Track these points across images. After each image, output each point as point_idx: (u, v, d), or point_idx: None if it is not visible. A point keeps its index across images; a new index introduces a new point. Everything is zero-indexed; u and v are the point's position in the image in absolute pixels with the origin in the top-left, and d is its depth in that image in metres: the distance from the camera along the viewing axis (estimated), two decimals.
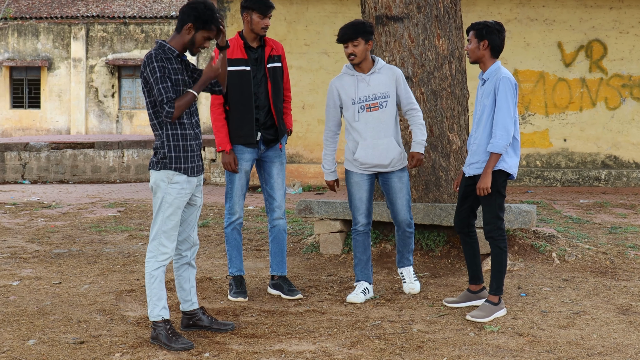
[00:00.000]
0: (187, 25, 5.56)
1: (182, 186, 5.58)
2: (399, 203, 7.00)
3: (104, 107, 32.88)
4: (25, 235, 10.43)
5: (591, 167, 17.10)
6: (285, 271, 7.19)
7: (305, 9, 17.38)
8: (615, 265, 8.29)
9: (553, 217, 11.83)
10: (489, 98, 6.29)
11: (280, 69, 7.07)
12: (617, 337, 5.76)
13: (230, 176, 7.01)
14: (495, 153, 6.21)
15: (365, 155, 6.88)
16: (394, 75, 6.91)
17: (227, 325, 5.97)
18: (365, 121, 6.86)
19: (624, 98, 17.13)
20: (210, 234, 10.45)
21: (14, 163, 20.24)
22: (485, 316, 6.21)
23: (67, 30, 32.84)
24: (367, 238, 7.07)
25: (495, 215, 6.32)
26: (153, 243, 5.61)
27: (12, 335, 5.83)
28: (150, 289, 5.61)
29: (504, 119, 6.20)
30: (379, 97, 6.85)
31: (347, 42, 6.78)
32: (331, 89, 7.01)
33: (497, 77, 6.27)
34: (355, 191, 7.00)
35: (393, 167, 6.94)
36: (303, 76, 17.36)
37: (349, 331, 5.94)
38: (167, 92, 5.46)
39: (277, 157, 7.09)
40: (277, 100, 7.02)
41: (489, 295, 6.39)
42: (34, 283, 7.55)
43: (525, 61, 17.15)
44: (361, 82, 6.88)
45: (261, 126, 6.99)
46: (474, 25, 6.37)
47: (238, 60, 6.90)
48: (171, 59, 5.57)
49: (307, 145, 17.49)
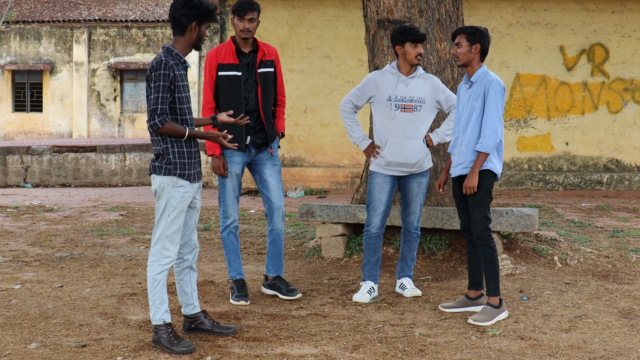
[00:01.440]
0: (191, 25, 5.58)
1: (185, 189, 5.59)
2: (412, 206, 7.15)
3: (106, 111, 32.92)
4: (27, 238, 10.43)
5: (593, 171, 17.10)
6: (281, 272, 7.23)
7: (307, 12, 17.39)
8: (617, 268, 8.28)
9: (555, 220, 11.82)
10: (478, 100, 6.38)
11: (272, 74, 7.09)
12: (619, 341, 5.76)
13: (222, 180, 7.05)
14: (484, 153, 6.31)
15: (393, 152, 6.99)
16: (432, 83, 7.08)
17: (229, 328, 5.97)
18: (398, 120, 6.97)
19: (626, 102, 17.12)
20: (212, 237, 10.46)
21: (16, 166, 20.25)
22: (487, 320, 6.21)
23: (69, 34, 32.89)
24: (379, 241, 7.16)
25: (485, 216, 6.40)
26: (156, 247, 5.61)
27: (14, 338, 5.83)
28: (152, 292, 5.61)
29: (493, 120, 6.31)
30: (415, 100, 6.98)
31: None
32: (371, 79, 7.13)
33: (487, 79, 6.37)
34: (376, 192, 7.08)
35: (419, 168, 7.06)
36: (305, 80, 17.37)
37: (350, 335, 5.93)
38: (164, 103, 5.46)
39: (269, 160, 7.11)
40: (266, 105, 7.03)
41: (488, 298, 6.40)
42: (35, 286, 7.55)
43: (527, 65, 17.15)
44: (401, 83, 6.99)
45: (250, 130, 7.01)
46: (465, 29, 6.46)
47: (229, 65, 6.92)
48: (178, 64, 5.58)
49: (309, 148, 17.49)
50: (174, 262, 5.67)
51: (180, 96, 5.56)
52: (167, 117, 5.48)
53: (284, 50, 17.22)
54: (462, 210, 6.63)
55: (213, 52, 6.99)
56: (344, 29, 16.79)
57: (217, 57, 6.96)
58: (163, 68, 5.47)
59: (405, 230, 7.24)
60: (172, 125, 5.51)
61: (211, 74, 6.98)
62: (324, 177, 17.36)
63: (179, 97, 5.56)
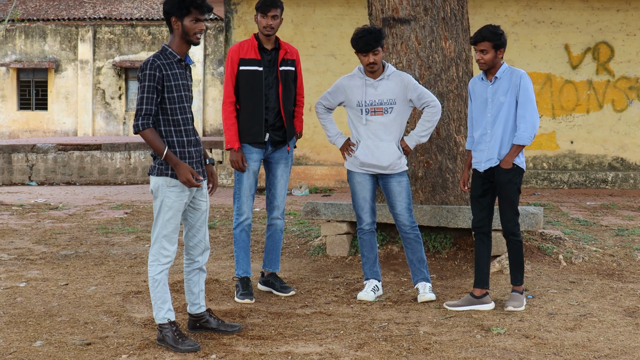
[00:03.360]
0: (172, 20, 5.53)
1: (181, 189, 5.56)
2: (398, 206, 7.03)
3: (110, 109, 32.94)
4: (32, 236, 10.45)
5: (598, 169, 17.08)
6: (277, 268, 7.28)
7: (312, 11, 17.39)
8: (622, 267, 8.28)
9: (560, 219, 11.81)
10: (506, 95, 6.47)
11: (293, 73, 7.12)
12: (624, 340, 5.75)
13: (239, 176, 7.04)
14: (520, 145, 6.44)
15: (364, 155, 6.97)
16: (402, 82, 6.95)
17: (234, 327, 5.97)
18: (369, 123, 6.94)
19: (631, 100, 17.10)
20: (217, 235, 10.46)
21: (21, 165, 20.28)
22: (520, 305, 6.59)
23: (74, 32, 32.91)
24: (373, 237, 7.13)
25: (516, 211, 6.55)
26: (154, 247, 5.60)
27: (19, 336, 5.84)
28: (154, 292, 5.61)
29: (531, 113, 6.44)
30: (385, 102, 6.91)
31: (369, 52, 6.79)
32: (339, 85, 7.10)
33: (516, 74, 6.50)
34: (359, 190, 7.07)
35: (392, 170, 6.98)
36: (310, 78, 17.36)
37: (355, 333, 5.94)
38: (149, 104, 5.43)
39: (283, 159, 7.14)
40: (287, 102, 7.07)
41: (515, 286, 6.66)
42: (40, 284, 7.56)
43: (532, 63, 17.13)
44: (369, 87, 6.93)
45: (270, 127, 7.03)
46: (488, 36, 6.50)
47: (251, 60, 6.95)
48: (172, 63, 5.54)
49: (314, 147, 17.49)
50: (173, 262, 5.65)
51: (171, 96, 5.51)
52: (150, 119, 5.43)
53: None
54: (480, 207, 6.64)
55: (235, 47, 7.02)
56: (349, 27, 16.76)
57: (239, 52, 6.99)
58: (149, 68, 5.44)
59: (400, 232, 7.12)
60: (153, 135, 5.44)
61: (232, 69, 7.00)
62: (328, 175, 17.36)
63: (169, 97, 5.51)
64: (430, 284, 7.04)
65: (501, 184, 6.49)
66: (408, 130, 8.05)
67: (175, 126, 5.56)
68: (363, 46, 6.77)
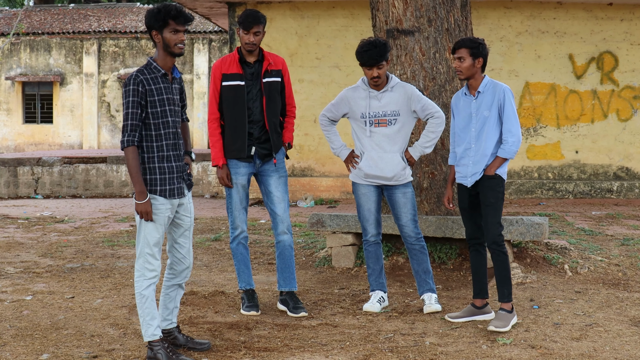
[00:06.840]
0: (153, 34, 5.50)
1: (161, 203, 5.50)
2: (403, 218, 7.04)
3: (116, 122, 32.98)
4: (38, 250, 10.47)
5: (603, 179, 17.07)
6: (293, 287, 7.11)
7: (316, 22, 17.43)
8: (628, 277, 8.27)
9: (565, 229, 11.80)
10: (490, 109, 6.43)
11: (278, 84, 7.05)
12: (629, 349, 5.75)
13: (229, 191, 7.05)
14: (504, 158, 6.40)
15: (368, 166, 6.98)
16: (406, 93, 6.96)
17: (202, 344, 5.86)
18: (373, 135, 6.94)
19: (636, 109, 17.10)
20: (223, 247, 10.47)
21: (26, 178, 20.33)
22: (505, 325, 6.26)
23: (79, 45, 32.99)
24: (379, 248, 7.13)
25: (499, 221, 6.44)
26: (139, 262, 5.53)
27: (26, 349, 5.85)
28: (142, 309, 5.52)
29: (517, 127, 6.42)
30: (389, 114, 6.92)
31: (374, 67, 6.81)
32: (343, 97, 7.10)
33: (499, 88, 6.45)
34: (364, 202, 7.07)
35: (396, 181, 6.98)
36: (314, 90, 17.40)
37: (361, 344, 5.94)
38: (133, 119, 5.39)
39: (275, 171, 7.06)
40: (271, 115, 6.99)
41: (502, 303, 6.43)
42: (47, 297, 7.58)
43: (536, 73, 17.15)
44: (373, 99, 6.94)
45: (255, 140, 6.99)
46: (466, 43, 6.46)
47: (233, 75, 6.92)
48: (156, 78, 5.50)
49: (318, 158, 17.51)
50: (159, 276, 5.58)
51: (154, 111, 5.46)
52: (135, 135, 5.39)
53: (294, 61, 17.26)
54: (469, 219, 6.64)
55: (218, 63, 7.01)
56: (353, 39, 16.81)
57: (221, 67, 6.97)
58: (132, 83, 5.40)
59: (405, 243, 7.13)
60: (134, 156, 5.39)
61: (215, 85, 6.99)
62: (334, 186, 17.37)
63: (153, 112, 5.46)
64: (436, 294, 7.05)
65: (484, 192, 6.46)
66: (412, 141, 8.07)
67: (157, 141, 5.49)
68: (367, 60, 6.79)
